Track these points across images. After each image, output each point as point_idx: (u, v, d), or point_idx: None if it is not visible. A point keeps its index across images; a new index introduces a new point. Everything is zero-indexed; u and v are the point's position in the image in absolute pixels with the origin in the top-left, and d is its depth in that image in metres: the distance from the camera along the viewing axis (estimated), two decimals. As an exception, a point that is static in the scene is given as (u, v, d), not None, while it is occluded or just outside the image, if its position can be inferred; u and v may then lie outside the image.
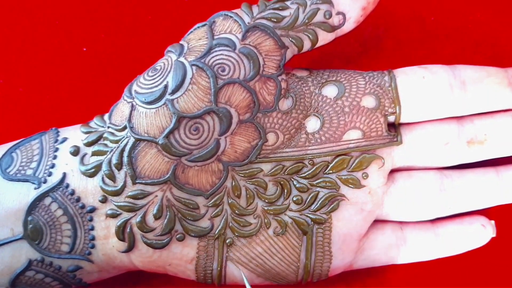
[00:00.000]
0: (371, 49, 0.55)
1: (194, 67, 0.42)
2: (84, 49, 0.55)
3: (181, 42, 0.44)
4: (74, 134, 0.45)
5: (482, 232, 0.47)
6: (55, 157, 0.44)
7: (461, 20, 0.55)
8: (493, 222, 0.48)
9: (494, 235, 0.47)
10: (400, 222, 0.48)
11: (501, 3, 0.55)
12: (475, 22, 0.55)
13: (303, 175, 0.45)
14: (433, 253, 0.47)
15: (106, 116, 0.45)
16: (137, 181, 0.42)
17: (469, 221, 0.47)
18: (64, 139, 0.44)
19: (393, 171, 0.47)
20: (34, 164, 0.43)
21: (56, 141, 0.44)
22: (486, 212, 0.48)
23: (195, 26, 0.44)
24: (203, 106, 0.41)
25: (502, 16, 0.55)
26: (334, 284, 0.50)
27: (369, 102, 0.45)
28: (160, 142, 0.41)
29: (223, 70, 0.42)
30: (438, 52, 0.54)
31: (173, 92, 0.41)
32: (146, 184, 0.42)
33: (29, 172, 0.43)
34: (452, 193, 0.46)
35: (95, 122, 0.45)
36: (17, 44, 0.55)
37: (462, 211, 0.47)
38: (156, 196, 0.42)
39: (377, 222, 0.47)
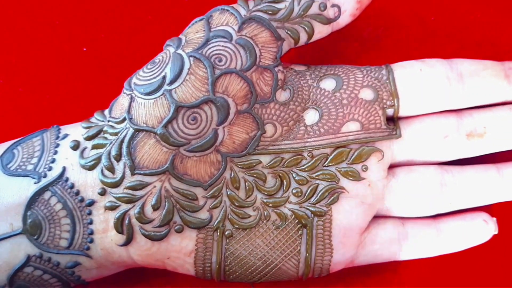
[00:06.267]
0: (371, 49, 0.55)
1: (191, 58, 0.42)
2: (84, 49, 0.55)
3: (179, 36, 0.45)
4: (75, 131, 0.45)
5: (484, 228, 0.47)
6: (55, 153, 0.44)
7: (461, 20, 0.55)
8: (494, 219, 0.47)
9: (496, 232, 0.47)
10: (402, 218, 0.47)
11: (501, 3, 0.55)
12: (475, 22, 0.55)
13: (302, 167, 0.44)
14: (435, 249, 0.47)
15: (106, 111, 0.45)
16: (135, 172, 0.42)
17: (471, 217, 0.47)
18: (65, 135, 0.45)
19: (393, 166, 0.47)
20: (34, 160, 0.44)
21: (57, 137, 0.45)
22: (487, 210, 0.48)
23: (193, 21, 0.45)
24: (201, 96, 0.42)
25: (502, 16, 0.55)
26: (334, 284, 0.50)
27: (367, 94, 0.45)
28: (158, 132, 0.42)
29: (220, 61, 0.42)
30: (438, 52, 0.54)
31: (171, 82, 0.42)
32: (144, 174, 0.42)
33: (30, 167, 0.43)
34: (453, 189, 0.46)
35: (95, 117, 0.45)
36: (17, 44, 0.55)
37: (463, 207, 0.47)
38: (155, 186, 0.42)
39: (378, 217, 0.47)
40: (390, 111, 0.46)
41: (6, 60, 0.55)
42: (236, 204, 0.44)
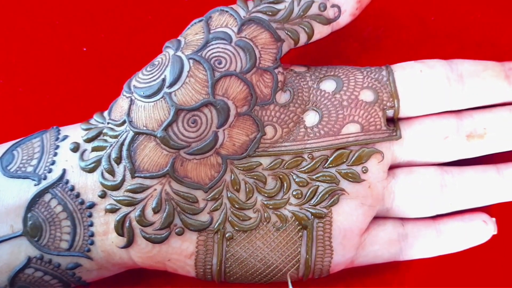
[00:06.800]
0: (371, 49, 0.55)
1: (191, 61, 0.42)
2: (84, 49, 0.55)
3: (178, 38, 0.44)
4: (75, 132, 0.45)
5: (483, 228, 0.47)
6: (55, 154, 0.44)
7: (461, 20, 0.55)
8: (494, 219, 0.47)
9: (495, 232, 0.47)
10: (402, 219, 0.47)
11: (501, 3, 0.55)
12: (475, 22, 0.55)
13: (302, 169, 0.44)
14: (435, 250, 0.47)
15: (105, 113, 0.45)
16: (136, 175, 0.42)
17: (470, 217, 0.47)
18: (65, 137, 0.45)
19: (394, 167, 0.47)
20: (34, 162, 0.44)
21: (57, 139, 0.45)
22: (487, 210, 0.48)
23: (192, 22, 0.45)
24: (201, 99, 0.42)
25: (502, 16, 0.55)
26: (334, 284, 0.50)
27: (367, 96, 0.45)
28: (158, 135, 0.42)
29: (220, 63, 0.42)
30: (438, 53, 0.54)
31: (171, 85, 0.42)
32: (145, 177, 0.42)
33: (30, 169, 0.43)
34: (453, 189, 0.46)
35: (95, 119, 0.45)
36: (17, 44, 0.55)
37: (463, 208, 0.47)
38: (155, 189, 0.42)
39: (378, 218, 0.47)
40: (390, 112, 0.46)
41: (6, 60, 0.55)
42: (237, 206, 0.44)
